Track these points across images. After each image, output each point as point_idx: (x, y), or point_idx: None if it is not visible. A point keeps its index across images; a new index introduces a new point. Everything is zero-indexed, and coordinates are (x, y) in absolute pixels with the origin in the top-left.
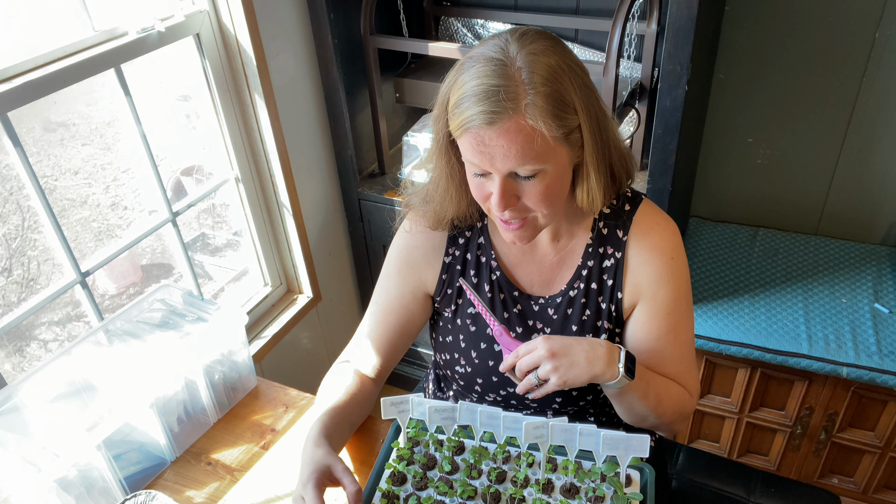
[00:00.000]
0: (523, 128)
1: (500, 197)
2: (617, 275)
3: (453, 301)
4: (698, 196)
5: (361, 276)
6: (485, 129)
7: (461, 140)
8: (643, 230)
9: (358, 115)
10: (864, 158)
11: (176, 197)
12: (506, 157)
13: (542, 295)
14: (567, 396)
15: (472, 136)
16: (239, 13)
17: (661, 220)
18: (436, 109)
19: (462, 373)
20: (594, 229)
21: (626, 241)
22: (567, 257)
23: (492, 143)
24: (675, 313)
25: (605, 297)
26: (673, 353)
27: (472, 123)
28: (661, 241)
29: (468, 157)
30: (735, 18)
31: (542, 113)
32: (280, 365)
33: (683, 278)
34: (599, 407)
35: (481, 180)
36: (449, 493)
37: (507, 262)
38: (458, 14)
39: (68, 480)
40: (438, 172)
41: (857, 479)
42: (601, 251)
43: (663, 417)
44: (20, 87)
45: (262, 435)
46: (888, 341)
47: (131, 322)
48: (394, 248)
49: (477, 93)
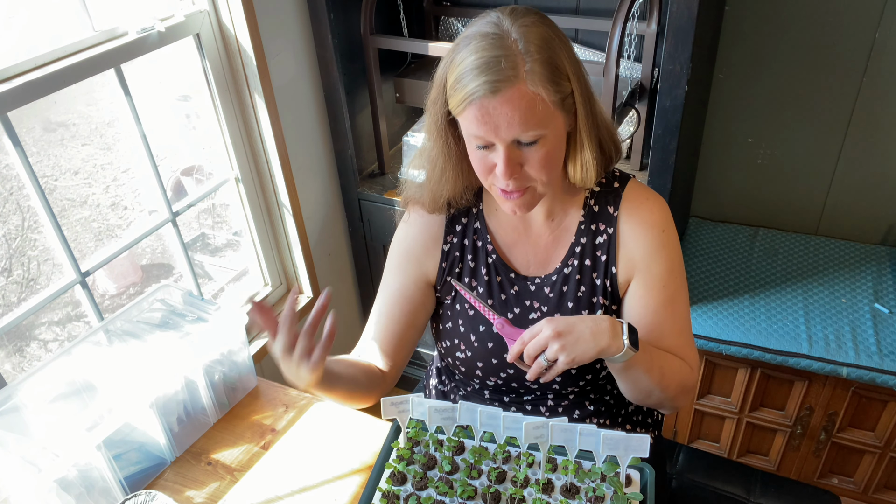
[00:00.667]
0: (525, 94)
1: (506, 166)
2: (610, 250)
3: (452, 288)
4: (698, 196)
5: (361, 276)
6: (489, 99)
7: (464, 115)
8: (633, 205)
9: (358, 115)
10: (864, 158)
11: (176, 197)
12: (510, 125)
13: (537, 275)
14: (566, 376)
15: (476, 107)
16: (239, 13)
17: (650, 196)
18: (432, 92)
19: (462, 358)
20: (586, 206)
21: (617, 217)
22: (561, 236)
23: (496, 112)
24: (671, 286)
25: (600, 272)
26: (672, 326)
27: (476, 95)
28: (652, 214)
29: (472, 131)
30: (735, 18)
31: (541, 79)
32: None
33: (676, 251)
34: (600, 388)
35: (484, 153)
36: (449, 493)
37: (502, 244)
38: (458, 14)
39: (68, 480)
40: (437, 153)
41: (857, 479)
42: (593, 228)
43: (667, 391)
44: (20, 87)
45: (262, 435)
46: (888, 341)
47: (131, 322)
48: (394, 242)
49: (478, 65)
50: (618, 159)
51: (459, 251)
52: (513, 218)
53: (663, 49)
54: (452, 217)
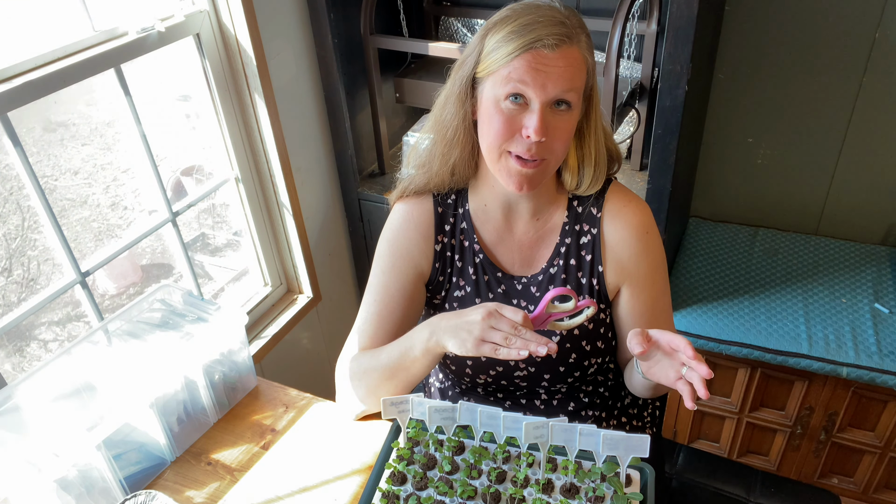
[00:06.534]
0: (577, 57)
1: (540, 122)
2: (595, 250)
3: (443, 288)
4: (698, 196)
5: (361, 277)
6: (548, 50)
7: (510, 65)
8: (617, 207)
9: (358, 115)
10: (863, 158)
11: (176, 197)
12: (559, 78)
13: (523, 274)
14: (555, 374)
15: (531, 56)
16: (239, 13)
17: (632, 198)
18: (462, 58)
19: (452, 356)
20: (570, 208)
21: (600, 218)
22: (545, 236)
23: (550, 64)
24: (657, 285)
25: (585, 272)
26: (663, 321)
27: (539, 43)
28: (635, 217)
29: (517, 78)
30: (735, 18)
31: (590, 50)
32: (280, 365)
33: (660, 252)
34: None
35: (514, 111)
36: (449, 493)
37: (488, 243)
38: (458, 14)
39: (68, 480)
40: (451, 116)
41: (857, 479)
42: (577, 228)
43: None
44: (20, 87)
45: (262, 435)
46: (888, 341)
47: (131, 322)
48: (385, 242)
49: (543, 19)
50: (617, 170)
51: (450, 251)
52: (498, 217)
53: (663, 49)
54: (441, 216)
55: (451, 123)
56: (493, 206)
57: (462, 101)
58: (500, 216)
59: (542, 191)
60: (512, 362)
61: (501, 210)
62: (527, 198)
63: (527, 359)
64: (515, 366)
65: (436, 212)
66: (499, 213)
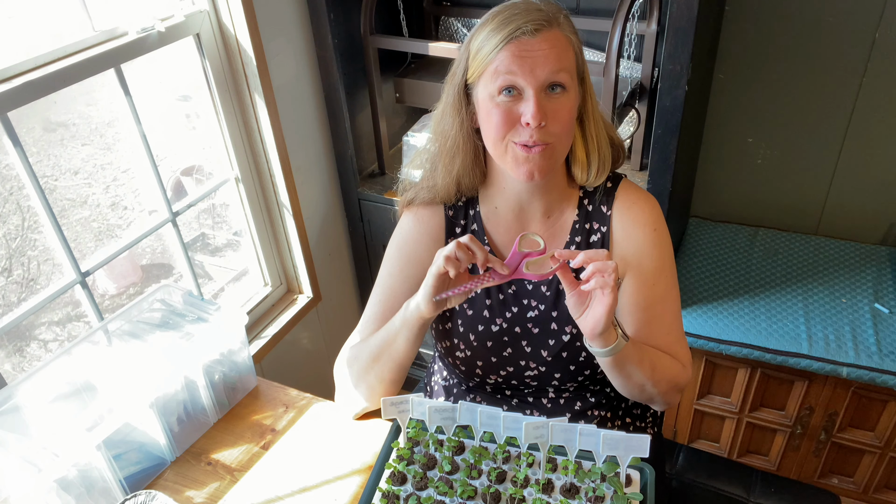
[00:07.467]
0: (560, 38)
1: (536, 108)
2: (605, 248)
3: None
4: (698, 196)
5: (361, 277)
6: (529, 37)
7: (497, 60)
8: (626, 204)
9: (358, 115)
10: (864, 158)
11: (176, 197)
12: (546, 60)
13: None
14: (566, 373)
15: (514, 46)
16: (239, 13)
17: (642, 195)
18: (452, 68)
19: (462, 357)
20: (580, 206)
21: (610, 216)
22: (556, 234)
23: (534, 49)
24: (662, 283)
25: None
26: (661, 323)
27: (519, 31)
28: (643, 213)
29: (504, 70)
30: (735, 18)
31: (572, 30)
32: (280, 365)
33: (667, 250)
34: (599, 381)
35: (509, 104)
36: (449, 493)
37: (499, 244)
38: (458, 14)
39: (68, 480)
40: (449, 126)
41: (857, 479)
42: (587, 227)
43: (659, 385)
44: (20, 87)
45: (262, 435)
46: (888, 341)
47: (131, 322)
48: (394, 246)
49: (518, 12)
50: (622, 161)
51: None
52: (509, 219)
53: (663, 49)
54: (451, 220)
55: (450, 133)
56: (504, 208)
57: (458, 109)
58: (512, 217)
59: (553, 188)
60: (522, 362)
61: (513, 212)
62: (538, 196)
63: (536, 358)
64: (526, 365)
65: (446, 215)
66: (510, 214)
